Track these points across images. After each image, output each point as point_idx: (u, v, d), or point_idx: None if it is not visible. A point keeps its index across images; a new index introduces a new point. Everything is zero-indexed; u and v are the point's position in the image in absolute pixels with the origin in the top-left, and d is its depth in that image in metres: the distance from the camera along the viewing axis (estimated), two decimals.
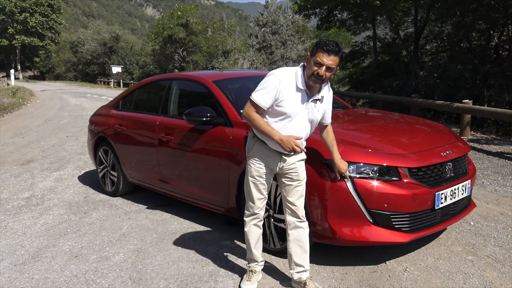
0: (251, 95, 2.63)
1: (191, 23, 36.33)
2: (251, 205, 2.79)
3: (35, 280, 3.10)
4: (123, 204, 4.80)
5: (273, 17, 33.65)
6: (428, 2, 13.11)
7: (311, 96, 2.63)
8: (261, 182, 2.74)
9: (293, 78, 2.60)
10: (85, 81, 48.32)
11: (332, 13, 16.76)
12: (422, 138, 3.54)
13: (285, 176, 2.75)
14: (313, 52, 2.52)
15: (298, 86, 2.58)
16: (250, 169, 2.75)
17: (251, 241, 2.85)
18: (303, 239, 2.80)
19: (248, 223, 2.84)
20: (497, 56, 12.88)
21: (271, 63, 32.82)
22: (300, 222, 2.79)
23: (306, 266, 2.82)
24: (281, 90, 2.57)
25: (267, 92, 2.57)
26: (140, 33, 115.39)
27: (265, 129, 2.59)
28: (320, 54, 2.49)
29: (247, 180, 2.78)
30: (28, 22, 53.93)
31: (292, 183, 2.75)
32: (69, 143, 8.77)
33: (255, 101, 2.60)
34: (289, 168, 2.73)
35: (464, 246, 3.46)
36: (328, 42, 2.50)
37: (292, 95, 2.58)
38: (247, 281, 2.87)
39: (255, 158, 2.72)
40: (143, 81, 5.12)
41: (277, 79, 2.58)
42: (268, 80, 2.60)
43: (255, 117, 2.62)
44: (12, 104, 17.77)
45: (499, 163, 6.25)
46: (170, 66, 37.66)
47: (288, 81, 2.59)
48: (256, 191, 2.76)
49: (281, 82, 2.57)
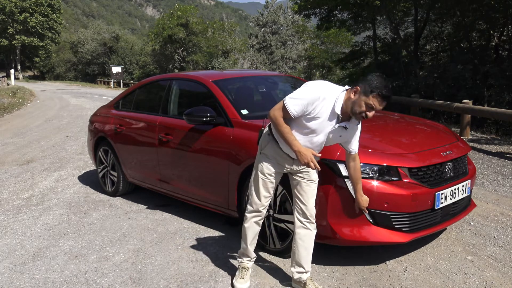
0: (284, 98, 2.55)
1: (191, 23, 36.33)
2: (256, 202, 2.79)
3: (35, 280, 3.10)
4: (123, 204, 4.80)
5: (273, 17, 33.68)
6: (428, 2, 13.10)
7: (341, 121, 2.59)
8: (270, 180, 2.75)
9: (333, 101, 2.52)
10: (85, 81, 48.29)
11: (332, 13, 16.74)
12: (422, 138, 3.55)
13: (297, 175, 2.76)
14: (367, 92, 2.42)
15: (335, 110, 2.52)
16: (262, 166, 2.73)
17: (248, 237, 2.86)
18: (308, 240, 2.79)
19: (249, 219, 2.84)
20: (497, 56, 12.87)
21: (271, 63, 32.84)
22: (308, 222, 2.78)
23: (307, 268, 2.81)
24: (318, 108, 2.49)
25: (302, 104, 2.48)
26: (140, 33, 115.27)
27: (287, 137, 2.55)
28: (376, 98, 2.42)
29: (256, 177, 2.77)
30: (28, 22, 53.89)
31: (303, 181, 2.76)
32: (69, 143, 8.77)
33: (287, 106, 2.50)
34: (301, 169, 2.74)
35: (464, 246, 3.46)
36: (386, 87, 2.42)
37: (326, 116, 2.53)
38: (241, 279, 2.87)
39: (268, 156, 2.72)
40: (143, 81, 5.12)
41: (319, 96, 2.48)
42: (311, 92, 2.49)
43: (281, 122, 2.56)
44: (12, 104, 17.77)
45: (499, 163, 6.25)
46: (170, 66, 37.66)
47: (328, 103, 2.51)
48: (264, 188, 2.76)
49: (321, 101, 2.49)
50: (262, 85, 4.53)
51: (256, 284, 2.93)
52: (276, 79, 4.90)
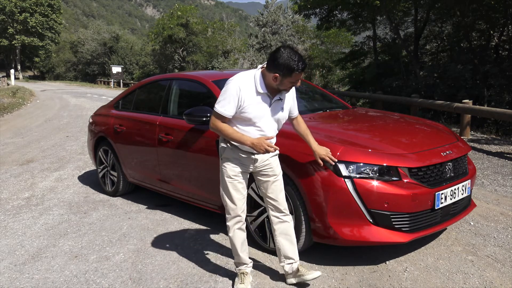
0: (214, 107, 2.65)
1: (191, 23, 36.33)
2: (232, 207, 2.79)
3: (35, 280, 3.10)
4: (123, 204, 4.80)
5: (273, 17, 33.66)
6: (428, 2, 13.10)
7: (273, 97, 2.67)
8: (238, 181, 2.76)
9: (252, 83, 2.62)
10: (85, 81, 48.30)
11: (332, 13, 16.74)
12: (422, 138, 3.54)
13: (261, 173, 2.80)
14: (288, 74, 2.52)
15: (258, 91, 2.61)
16: (226, 170, 2.76)
17: (237, 246, 2.85)
18: (289, 232, 2.84)
19: (232, 228, 2.82)
20: (497, 56, 12.87)
21: None
22: (284, 216, 2.83)
23: (296, 258, 2.86)
24: (242, 96, 2.59)
25: (229, 102, 2.59)
26: (140, 33, 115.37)
27: (235, 137, 2.62)
28: (298, 73, 2.54)
29: (224, 183, 2.78)
30: (28, 22, 53.88)
31: (269, 179, 2.79)
32: (69, 143, 8.77)
33: (219, 112, 2.62)
34: (263, 165, 2.77)
35: (464, 246, 3.46)
36: (300, 59, 2.52)
37: (253, 99, 2.61)
38: (241, 284, 2.85)
39: (229, 159, 2.75)
40: (143, 81, 5.12)
41: (236, 86, 2.59)
42: (228, 89, 2.61)
43: (222, 127, 2.64)
44: (12, 104, 17.77)
45: (499, 163, 6.25)
46: (170, 66, 37.67)
47: (248, 87, 2.61)
48: (235, 190, 2.76)
49: (241, 89, 2.59)
50: None
51: (256, 284, 2.93)
52: None
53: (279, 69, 2.53)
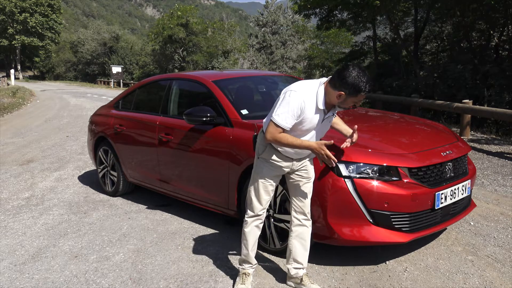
0: (272, 117, 2.56)
1: (191, 23, 36.34)
2: (257, 206, 2.79)
3: (35, 280, 3.11)
4: (123, 204, 4.80)
5: (273, 17, 33.68)
6: (428, 2, 13.10)
7: (327, 112, 2.64)
8: (271, 184, 2.76)
9: (314, 99, 2.55)
10: (85, 81, 48.30)
11: (332, 13, 16.73)
12: (422, 138, 3.54)
13: (295, 174, 2.77)
14: (354, 93, 2.45)
15: (319, 107, 2.55)
16: (261, 171, 2.74)
17: (249, 242, 2.85)
18: (305, 237, 2.83)
19: (250, 224, 2.83)
20: (497, 56, 12.87)
21: (271, 63, 32.84)
22: (305, 220, 2.82)
23: (305, 264, 2.85)
24: (304, 111, 2.53)
25: (292, 116, 2.51)
26: (140, 33, 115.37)
27: (296, 144, 2.56)
28: (362, 95, 2.48)
29: (256, 181, 2.76)
30: (28, 22, 53.85)
31: (302, 180, 2.78)
32: (69, 143, 8.77)
33: (279, 124, 2.53)
34: (300, 168, 2.76)
35: (464, 246, 3.46)
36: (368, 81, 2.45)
37: (311, 114, 2.56)
38: (241, 284, 2.84)
39: (268, 161, 2.72)
40: (143, 81, 5.12)
41: (300, 100, 2.51)
42: (291, 102, 2.51)
43: (282, 137, 2.56)
44: (12, 104, 17.77)
45: (499, 163, 6.25)
46: (170, 66, 37.68)
47: (310, 102, 2.54)
48: (265, 192, 2.76)
49: (305, 105, 2.52)
50: (262, 85, 4.54)
51: (256, 284, 2.93)
52: (276, 79, 4.90)
53: (345, 88, 2.45)
